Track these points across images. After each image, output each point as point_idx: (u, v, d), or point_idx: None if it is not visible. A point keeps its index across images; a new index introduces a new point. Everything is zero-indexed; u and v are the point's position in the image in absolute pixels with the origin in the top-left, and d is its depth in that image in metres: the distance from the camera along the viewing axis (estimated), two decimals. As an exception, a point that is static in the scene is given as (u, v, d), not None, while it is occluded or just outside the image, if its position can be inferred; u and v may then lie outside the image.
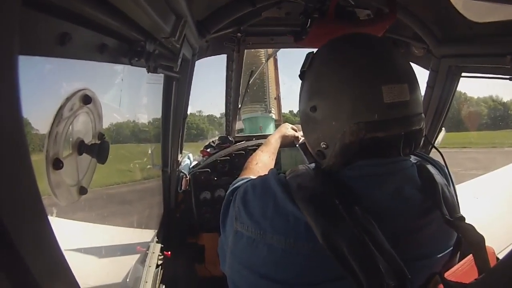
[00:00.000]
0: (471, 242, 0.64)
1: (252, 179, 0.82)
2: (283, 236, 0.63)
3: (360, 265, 0.55)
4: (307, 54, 0.77)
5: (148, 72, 0.89)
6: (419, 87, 0.70)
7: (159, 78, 1.38)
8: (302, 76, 0.77)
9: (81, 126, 0.71)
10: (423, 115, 0.70)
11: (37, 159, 0.57)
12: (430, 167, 0.74)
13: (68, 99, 0.62)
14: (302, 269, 0.62)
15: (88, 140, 0.75)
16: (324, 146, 0.70)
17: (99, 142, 0.77)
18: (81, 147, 0.71)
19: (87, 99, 0.68)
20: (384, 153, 0.69)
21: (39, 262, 0.35)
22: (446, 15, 1.28)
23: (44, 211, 0.36)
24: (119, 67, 0.93)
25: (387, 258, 0.56)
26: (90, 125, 0.75)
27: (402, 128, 0.66)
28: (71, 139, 0.67)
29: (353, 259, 0.55)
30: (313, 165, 0.75)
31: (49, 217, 0.38)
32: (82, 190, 0.76)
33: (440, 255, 0.69)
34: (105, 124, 0.83)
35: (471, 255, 0.66)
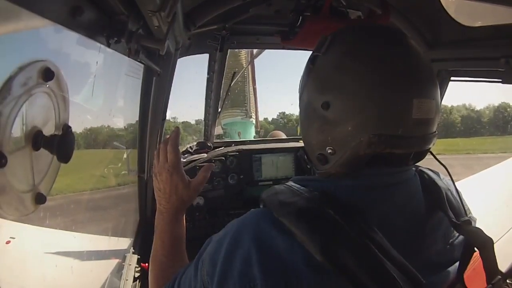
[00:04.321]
0: (480, 245, 0.61)
1: (212, 241, 0.63)
2: (280, 278, 0.51)
3: (372, 276, 0.49)
4: (322, 36, 0.65)
5: (128, 56, 0.75)
6: None
7: (139, 72, 1.25)
8: (313, 61, 0.65)
9: (40, 111, 0.54)
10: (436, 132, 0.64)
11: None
12: (430, 172, 0.71)
13: (21, 69, 0.45)
14: None
15: (49, 131, 0.58)
16: (331, 151, 0.61)
17: (61, 133, 0.60)
18: (37, 140, 0.54)
19: (48, 74, 0.51)
20: (390, 163, 0.62)
21: None
22: (437, 19, 1.28)
23: None
24: (94, 48, 0.76)
25: (397, 265, 0.51)
26: (52, 112, 0.58)
27: (419, 147, 0.61)
28: (23, 127, 0.50)
29: (362, 270, 0.49)
30: (291, 183, 0.65)
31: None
32: (40, 198, 0.59)
33: (448, 269, 0.64)
34: (73, 121, 0.67)
35: (474, 257, 0.63)
